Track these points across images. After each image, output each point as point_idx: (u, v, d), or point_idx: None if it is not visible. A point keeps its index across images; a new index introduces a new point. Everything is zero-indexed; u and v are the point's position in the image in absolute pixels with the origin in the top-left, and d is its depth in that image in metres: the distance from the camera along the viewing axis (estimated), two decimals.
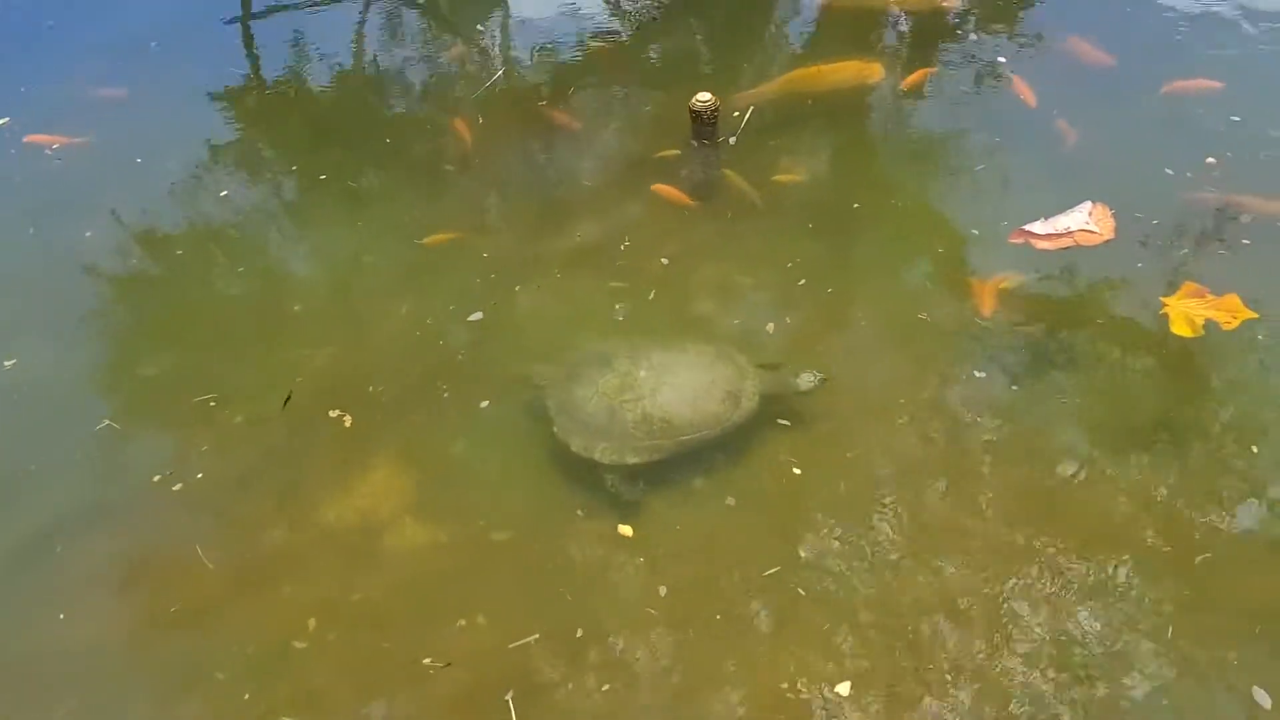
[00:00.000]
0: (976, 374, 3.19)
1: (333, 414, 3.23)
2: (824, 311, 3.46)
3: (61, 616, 2.80)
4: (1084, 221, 3.60)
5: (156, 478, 3.08)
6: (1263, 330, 3.19)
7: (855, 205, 3.81)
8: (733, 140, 4.10)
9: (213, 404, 3.28)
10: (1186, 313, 3.28)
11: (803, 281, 3.53)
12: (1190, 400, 3.14)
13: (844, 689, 2.52)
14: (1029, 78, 4.34)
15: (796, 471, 2.96)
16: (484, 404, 3.22)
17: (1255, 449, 2.95)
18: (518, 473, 3.06)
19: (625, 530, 2.87)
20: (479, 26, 5.22)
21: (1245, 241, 3.48)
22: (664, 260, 3.63)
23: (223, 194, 4.13)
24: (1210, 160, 3.75)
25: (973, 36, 4.70)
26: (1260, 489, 2.88)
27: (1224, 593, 2.66)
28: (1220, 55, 4.36)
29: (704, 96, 4.05)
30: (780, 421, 3.09)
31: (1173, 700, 2.46)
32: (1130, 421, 3.08)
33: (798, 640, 2.62)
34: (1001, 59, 4.51)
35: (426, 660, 2.63)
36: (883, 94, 4.37)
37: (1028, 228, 3.60)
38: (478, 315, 3.51)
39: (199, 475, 3.08)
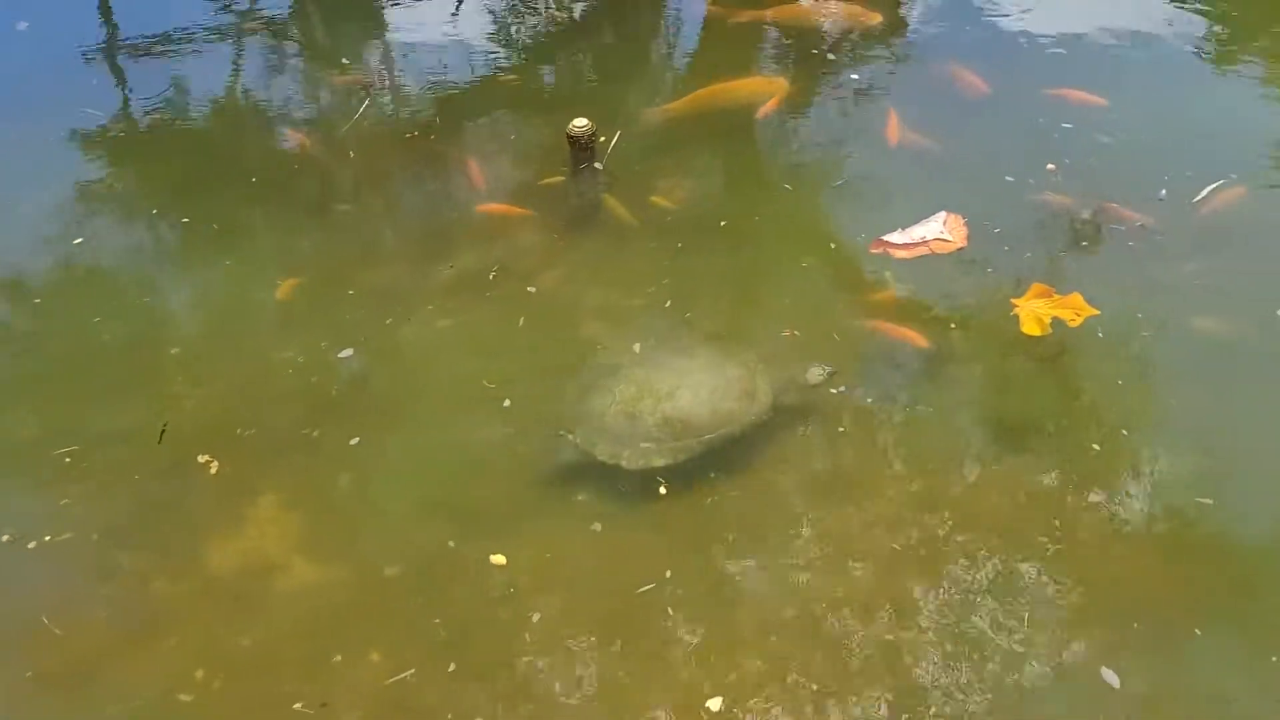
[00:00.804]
0: (840, 387, 3.29)
1: (201, 459, 3.17)
2: (691, 331, 3.53)
3: None
4: (939, 231, 3.74)
5: (5, 537, 2.98)
6: (1103, 325, 3.36)
7: (722, 223, 3.89)
8: (599, 165, 4.14)
9: (69, 459, 3.17)
10: (1035, 313, 3.42)
11: (669, 302, 3.60)
12: (1042, 395, 3.30)
13: (715, 704, 2.56)
14: (898, 96, 4.50)
15: (662, 491, 3.01)
16: (354, 440, 3.20)
17: (1105, 440, 3.11)
18: (391, 507, 3.05)
19: (498, 559, 2.88)
20: (357, 58, 5.20)
21: (1084, 243, 3.66)
22: (531, 289, 3.66)
23: (78, 240, 4.01)
24: (1050, 167, 3.94)
25: (851, 56, 4.86)
26: (1109, 478, 3.03)
27: (1077, 578, 2.79)
28: (1072, 70, 4.60)
29: (580, 122, 4.10)
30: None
31: (1024, 681, 2.57)
32: (990, 419, 3.23)
33: (669, 657, 2.65)
34: (874, 79, 4.67)
35: (297, 705, 2.60)
36: (758, 115, 4.44)
37: (886, 238, 3.73)
38: (348, 352, 3.49)
39: (61, 531, 2.99)
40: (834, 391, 3.24)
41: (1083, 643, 2.63)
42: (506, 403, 3.24)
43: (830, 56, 4.83)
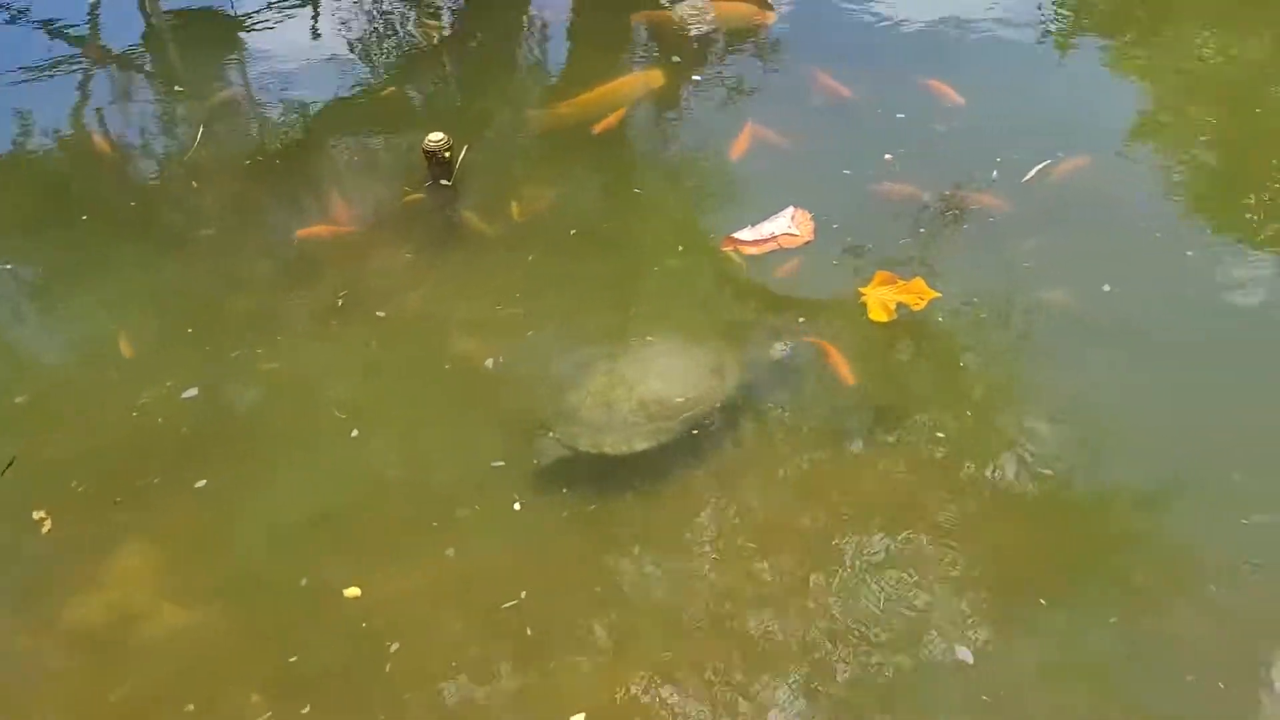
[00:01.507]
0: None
1: (36, 515, 3.03)
2: (549, 341, 3.50)
3: None
4: (786, 226, 3.79)
5: None
6: (944, 307, 3.43)
7: (572, 232, 3.87)
8: (446, 183, 4.09)
9: None
10: (881, 299, 3.50)
11: (523, 315, 3.57)
12: (895, 379, 3.36)
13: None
14: (755, 95, 4.54)
15: (516, 507, 2.97)
16: (201, 483, 3.08)
17: (956, 418, 3.18)
18: (238, 547, 2.95)
19: (352, 592, 2.81)
20: (212, 82, 5.04)
21: (921, 230, 3.75)
22: (380, 314, 3.58)
23: None
24: (888, 157, 4.02)
25: (712, 55, 4.86)
26: (969, 454, 3.09)
27: (932, 560, 2.84)
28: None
29: (436, 136, 4.04)
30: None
31: (886, 659, 2.61)
32: (845, 405, 3.26)
33: (530, 677, 2.62)
34: (733, 78, 4.68)
35: None
36: (596, 129, 4.39)
37: (736, 235, 3.77)
38: (192, 392, 3.36)
39: None
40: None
41: (944, 618, 2.68)
42: (355, 432, 3.18)
43: (696, 56, 4.84)
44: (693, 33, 4.96)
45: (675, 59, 4.76)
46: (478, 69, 5.05)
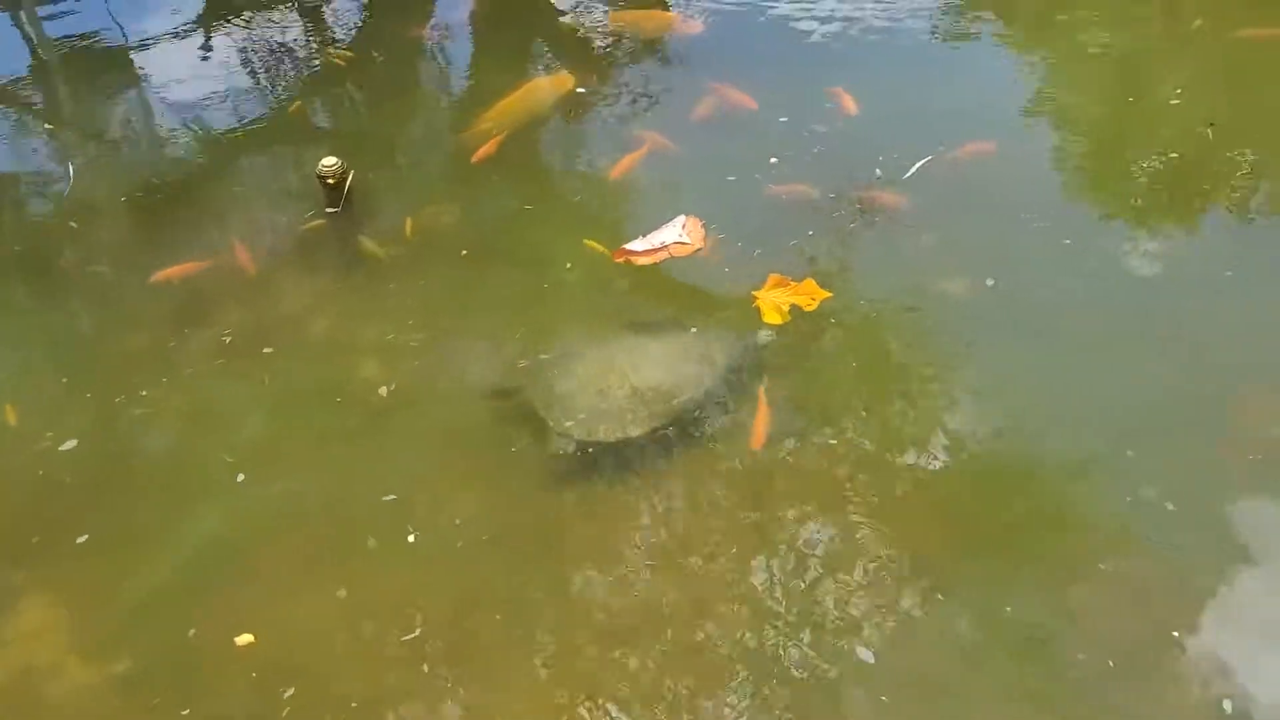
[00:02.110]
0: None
1: None
2: (443, 365, 3.45)
3: None
4: (678, 235, 3.79)
5: None
6: (834, 305, 3.46)
7: (463, 252, 3.83)
8: (332, 211, 4.02)
9: None
10: (774, 302, 3.51)
11: (417, 338, 3.52)
12: (799, 377, 3.35)
13: None
14: (650, 108, 4.55)
15: (411, 540, 2.91)
16: (82, 539, 2.97)
17: (854, 412, 3.20)
18: (123, 602, 2.84)
19: (245, 639, 2.72)
20: (103, 114, 4.89)
21: (810, 232, 3.76)
22: (268, 350, 3.50)
23: None
24: (773, 160, 4.05)
25: (613, 67, 4.87)
26: (860, 451, 3.10)
27: (840, 556, 2.85)
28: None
29: (329, 161, 3.97)
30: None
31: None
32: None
33: (429, 708, 2.57)
34: (631, 90, 4.69)
35: None
36: (474, 158, 4.34)
37: (628, 246, 3.75)
38: (71, 444, 3.24)
39: None
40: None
41: (843, 616, 2.69)
42: (240, 477, 3.09)
43: (595, 67, 4.84)
44: (594, 44, 4.96)
45: (575, 70, 4.75)
46: (380, 91, 4.98)
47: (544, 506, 3.00)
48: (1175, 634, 2.61)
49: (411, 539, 2.91)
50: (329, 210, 4.03)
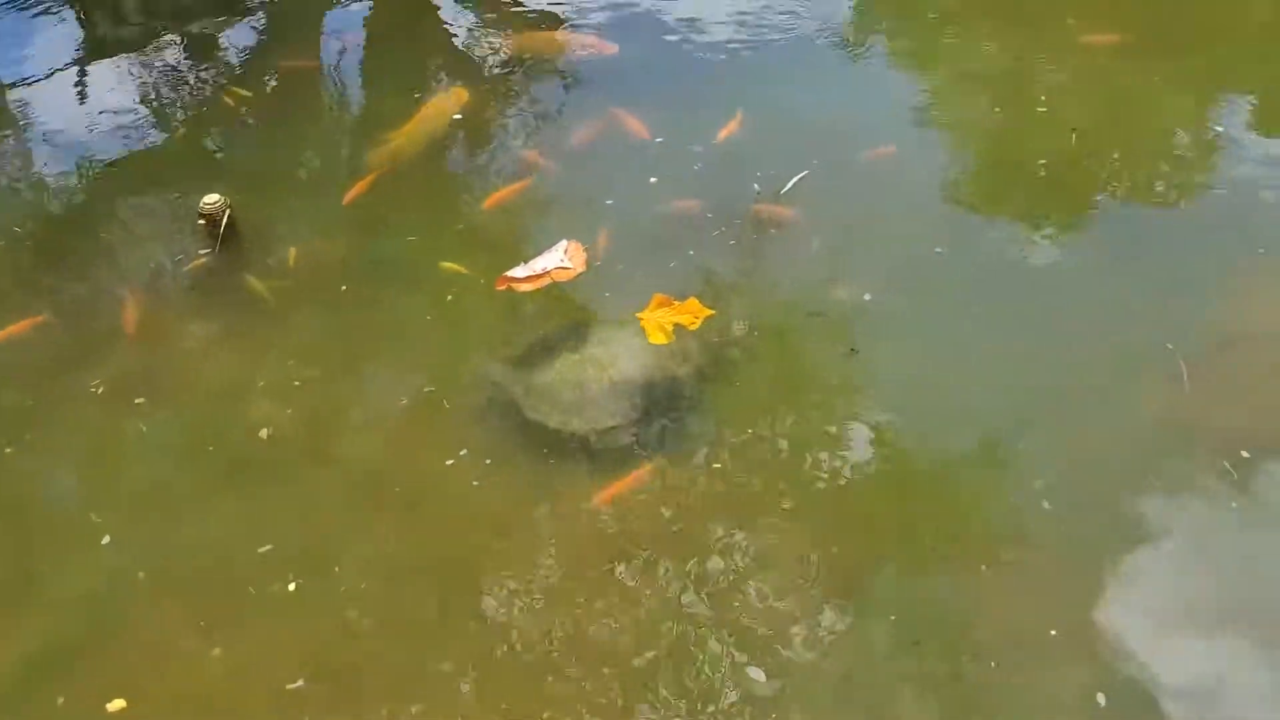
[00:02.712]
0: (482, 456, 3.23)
1: None
2: (321, 402, 3.38)
3: None
4: (560, 260, 3.75)
5: None
6: (718, 322, 3.47)
7: (343, 288, 3.77)
8: (204, 253, 3.91)
9: None
10: (658, 322, 3.50)
11: (297, 382, 3.44)
12: (693, 395, 3.38)
13: None
14: (535, 130, 4.54)
15: (291, 588, 2.84)
16: None
17: (752, 422, 3.23)
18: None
19: (117, 704, 2.62)
20: None
21: (691, 252, 3.78)
22: (139, 400, 3.39)
23: None
24: (653, 180, 4.06)
25: (505, 91, 4.83)
26: (750, 462, 3.14)
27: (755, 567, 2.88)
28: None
29: (211, 199, 3.87)
30: None
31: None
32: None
33: None
34: (518, 114, 4.67)
35: None
36: (347, 197, 4.25)
37: (510, 274, 3.70)
38: None
39: None
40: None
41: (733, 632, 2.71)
42: (106, 539, 2.99)
43: (488, 90, 4.80)
44: (487, 69, 4.94)
45: (470, 89, 4.73)
46: (270, 123, 4.85)
47: (429, 546, 2.96)
48: (1071, 620, 2.70)
49: (292, 587, 2.84)
50: (211, 249, 3.93)
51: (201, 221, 3.89)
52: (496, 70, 4.98)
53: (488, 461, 3.15)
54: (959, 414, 3.26)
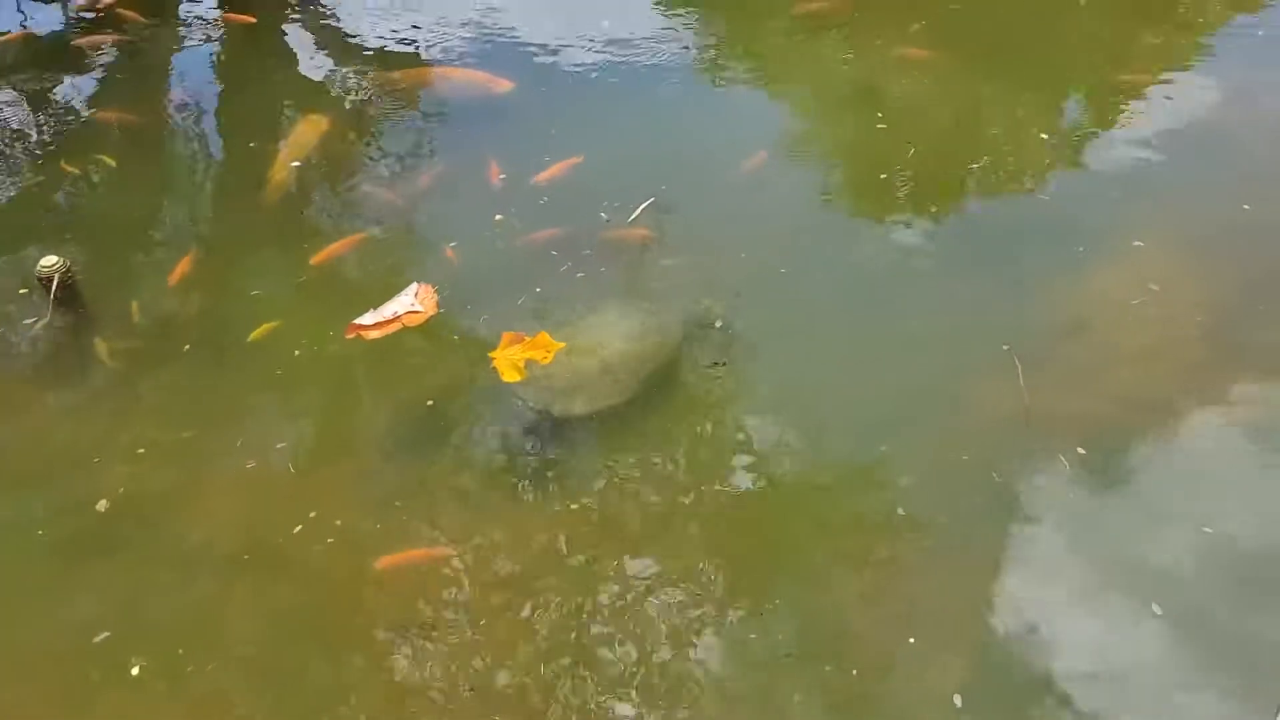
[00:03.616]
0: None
1: None
2: (164, 471, 3.24)
3: None
4: (410, 304, 3.68)
5: None
6: (572, 353, 3.43)
7: (186, 347, 3.63)
8: (38, 320, 3.73)
9: None
10: (510, 360, 3.46)
11: (138, 445, 3.29)
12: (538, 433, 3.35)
13: None
14: (389, 173, 4.47)
15: (134, 672, 2.67)
16: None
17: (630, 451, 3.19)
18: None
19: None
20: None
21: (538, 290, 3.76)
22: None
23: None
24: (498, 218, 4.03)
25: (359, 135, 4.76)
26: (612, 497, 3.12)
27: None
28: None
29: (49, 261, 3.67)
30: None
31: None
32: (486, 466, 3.24)
33: None
34: (373, 157, 4.59)
35: None
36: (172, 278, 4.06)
37: (358, 321, 3.62)
38: None
39: None
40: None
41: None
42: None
43: (340, 135, 4.71)
44: (345, 104, 4.86)
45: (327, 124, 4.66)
46: (119, 178, 4.64)
47: (281, 618, 2.84)
48: (932, 621, 2.76)
49: (135, 671, 2.68)
50: (51, 313, 3.74)
51: (41, 284, 3.72)
52: (356, 110, 4.89)
53: (338, 523, 3.06)
54: (821, 422, 3.33)
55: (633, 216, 3.96)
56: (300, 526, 3.03)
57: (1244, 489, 3.08)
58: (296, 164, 4.47)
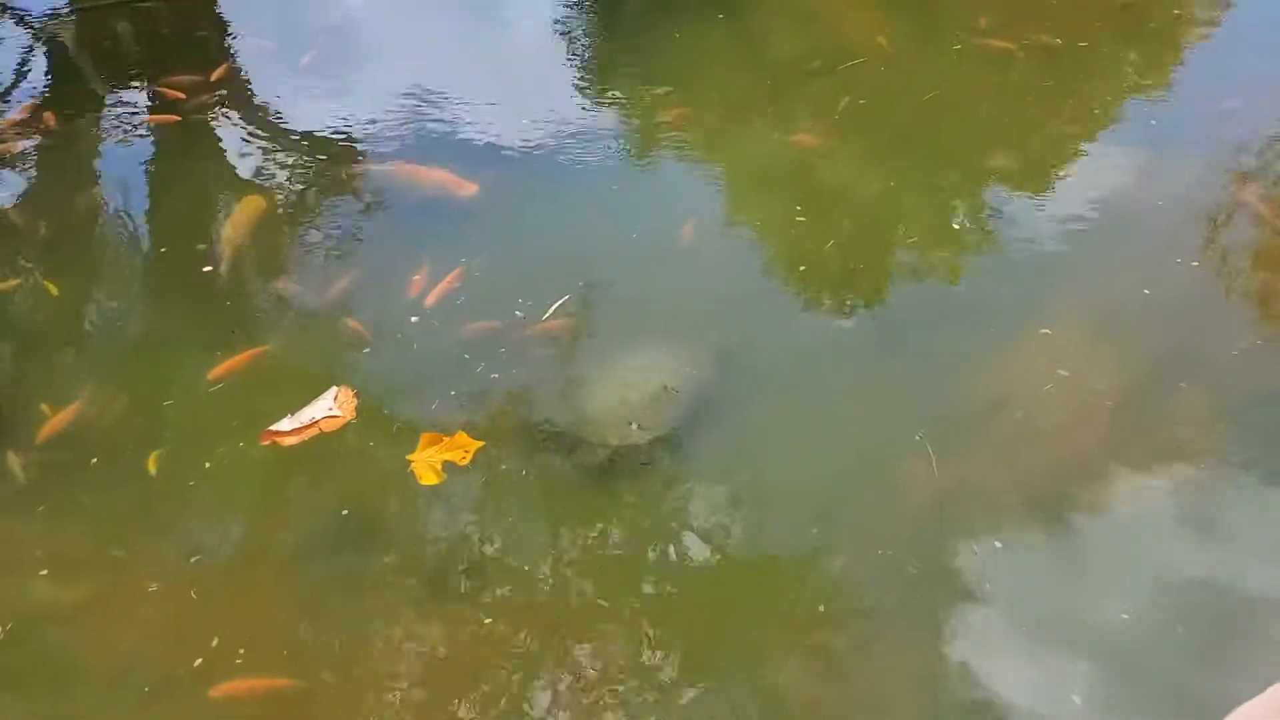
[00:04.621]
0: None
1: None
2: (71, 608, 3.12)
3: None
4: (328, 408, 3.65)
5: None
6: (489, 452, 3.46)
7: (94, 460, 3.53)
8: None
9: None
10: (428, 462, 3.44)
11: (48, 571, 3.17)
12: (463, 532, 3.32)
13: None
14: (300, 277, 4.42)
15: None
16: None
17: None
18: None
19: None
20: None
21: (452, 392, 3.71)
22: None
23: None
24: (414, 319, 4.00)
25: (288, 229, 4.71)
26: (542, 601, 3.10)
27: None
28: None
29: None
30: None
31: None
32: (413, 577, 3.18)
33: None
34: (285, 259, 4.55)
35: None
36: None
37: (274, 428, 3.57)
38: None
39: None
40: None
41: None
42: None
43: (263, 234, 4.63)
44: (278, 201, 4.84)
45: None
46: (46, 273, 4.55)
47: None
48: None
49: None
50: None
51: None
52: (289, 203, 4.85)
53: (242, 651, 2.96)
54: (755, 508, 3.36)
55: (548, 314, 3.96)
56: (200, 661, 2.94)
57: (1159, 562, 3.16)
58: (223, 262, 4.42)
